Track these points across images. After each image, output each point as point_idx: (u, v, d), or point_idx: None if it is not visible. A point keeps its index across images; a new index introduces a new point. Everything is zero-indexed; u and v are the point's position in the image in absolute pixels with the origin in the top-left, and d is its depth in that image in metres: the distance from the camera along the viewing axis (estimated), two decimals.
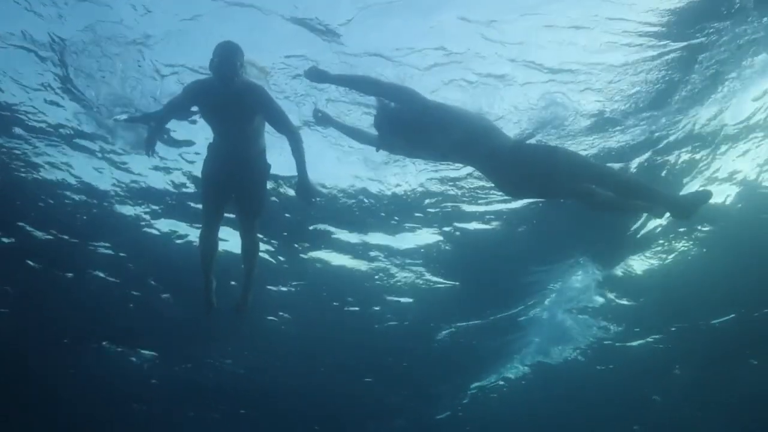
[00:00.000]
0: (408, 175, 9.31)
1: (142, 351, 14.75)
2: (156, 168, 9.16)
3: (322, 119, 6.17)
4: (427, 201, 9.91)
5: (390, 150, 6.08)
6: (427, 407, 19.68)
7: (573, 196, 5.35)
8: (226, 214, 5.93)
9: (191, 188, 9.47)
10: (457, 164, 8.49)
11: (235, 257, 6.56)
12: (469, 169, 8.86)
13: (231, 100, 5.21)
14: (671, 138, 8.85)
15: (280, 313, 13.33)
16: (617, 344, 15.80)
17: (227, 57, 5.05)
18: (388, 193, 9.77)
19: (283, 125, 5.39)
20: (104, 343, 14.18)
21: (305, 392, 16.97)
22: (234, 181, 5.63)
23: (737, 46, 7.47)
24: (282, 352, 14.81)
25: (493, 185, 6.13)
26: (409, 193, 9.76)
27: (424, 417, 20.32)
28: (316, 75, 5.36)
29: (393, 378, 16.81)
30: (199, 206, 6.18)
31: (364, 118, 7.49)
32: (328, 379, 16.38)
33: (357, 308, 13.25)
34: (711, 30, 7.27)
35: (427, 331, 14.56)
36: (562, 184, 5.09)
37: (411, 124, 5.17)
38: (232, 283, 9.67)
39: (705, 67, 7.74)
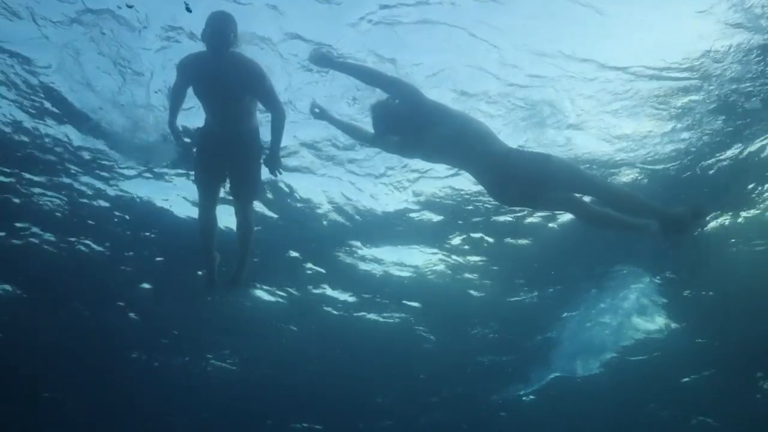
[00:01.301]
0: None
1: (139, 346, 14.75)
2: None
3: (319, 114, 6.10)
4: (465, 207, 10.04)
5: (385, 147, 6.00)
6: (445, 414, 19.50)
7: (565, 207, 5.26)
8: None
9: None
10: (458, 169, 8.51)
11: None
12: None
13: (224, 72, 5.10)
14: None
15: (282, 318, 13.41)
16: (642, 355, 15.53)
17: (219, 27, 4.94)
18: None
19: (271, 102, 5.38)
20: (102, 340, 14.15)
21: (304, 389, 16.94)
22: (227, 162, 5.58)
23: None
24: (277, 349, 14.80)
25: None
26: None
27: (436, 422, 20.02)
28: (320, 59, 5.30)
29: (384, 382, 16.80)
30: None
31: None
32: (323, 380, 16.34)
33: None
34: None
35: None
36: (555, 192, 5.00)
37: (405, 120, 5.10)
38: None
39: None
